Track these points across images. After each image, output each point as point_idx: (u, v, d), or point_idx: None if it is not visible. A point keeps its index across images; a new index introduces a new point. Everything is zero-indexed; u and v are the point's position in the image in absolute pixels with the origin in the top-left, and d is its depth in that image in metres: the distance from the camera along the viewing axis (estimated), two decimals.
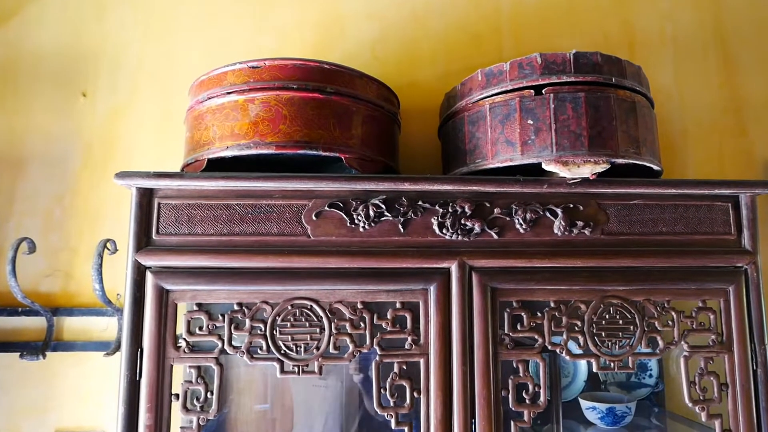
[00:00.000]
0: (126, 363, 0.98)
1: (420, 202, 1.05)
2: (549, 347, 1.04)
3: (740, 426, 1.04)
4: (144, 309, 1.00)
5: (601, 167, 1.00)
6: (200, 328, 1.01)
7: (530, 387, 1.03)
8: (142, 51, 1.56)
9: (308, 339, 1.02)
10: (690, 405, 1.05)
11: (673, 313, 1.07)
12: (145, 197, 1.03)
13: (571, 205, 1.07)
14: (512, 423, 1.02)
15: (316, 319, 1.03)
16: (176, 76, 1.55)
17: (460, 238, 1.05)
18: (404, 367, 1.03)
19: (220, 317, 1.01)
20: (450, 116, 1.20)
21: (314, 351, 1.02)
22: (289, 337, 1.02)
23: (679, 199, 1.10)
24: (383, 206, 1.04)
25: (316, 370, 1.02)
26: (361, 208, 1.04)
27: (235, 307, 1.02)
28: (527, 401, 1.03)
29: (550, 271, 1.06)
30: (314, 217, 1.04)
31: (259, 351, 1.02)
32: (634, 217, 1.08)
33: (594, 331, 1.05)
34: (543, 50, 1.63)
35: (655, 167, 1.08)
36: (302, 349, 1.02)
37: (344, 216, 1.04)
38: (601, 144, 1.00)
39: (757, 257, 1.09)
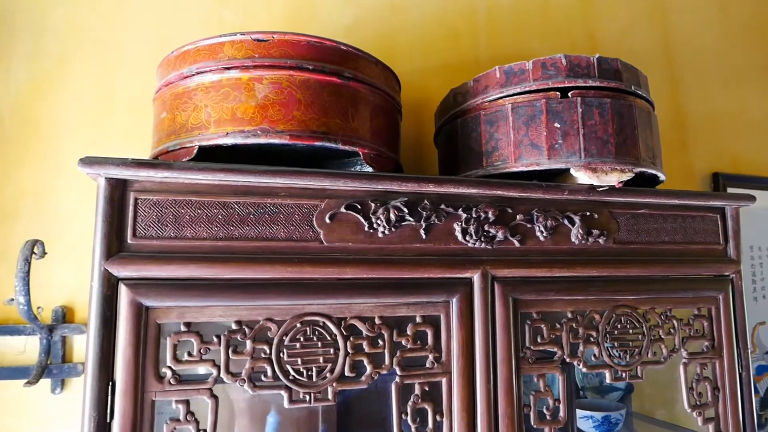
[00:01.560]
0: (92, 401, 0.77)
1: (442, 206, 0.96)
2: (567, 359, 1.01)
3: (729, 427, 1.09)
4: (116, 331, 0.79)
5: (627, 176, 0.99)
6: (190, 354, 0.83)
7: (550, 402, 0.99)
8: (74, 13, 1.28)
9: (320, 361, 0.88)
10: (689, 410, 1.08)
11: (674, 321, 1.09)
12: (117, 190, 0.82)
13: (588, 213, 1.04)
14: None
15: (329, 338, 0.89)
16: (118, 45, 1.30)
17: (483, 245, 0.97)
18: (426, 389, 0.93)
19: (215, 339, 0.84)
20: (458, 114, 1.12)
21: (327, 375, 0.88)
22: (299, 359, 0.87)
23: (679, 210, 1.12)
24: (405, 209, 0.93)
25: (330, 397, 0.88)
26: (381, 211, 0.92)
27: (234, 326, 0.85)
28: (548, 417, 0.99)
29: (567, 280, 1.03)
30: (328, 220, 0.90)
31: (263, 378, 0.85)
32: (640, 226, 1.09)
33: (608, 341, 1.04)
34: (517, 50, 1.63)
35: (662, 177, 1.09)
36: (314, 374, 0.87)
37: (362, 219, 0.91)
38: (626, 152, 0.99)
39: (740, 266, 1.15)
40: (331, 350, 0.89)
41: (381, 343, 0.91)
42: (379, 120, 0.98)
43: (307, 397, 0.87)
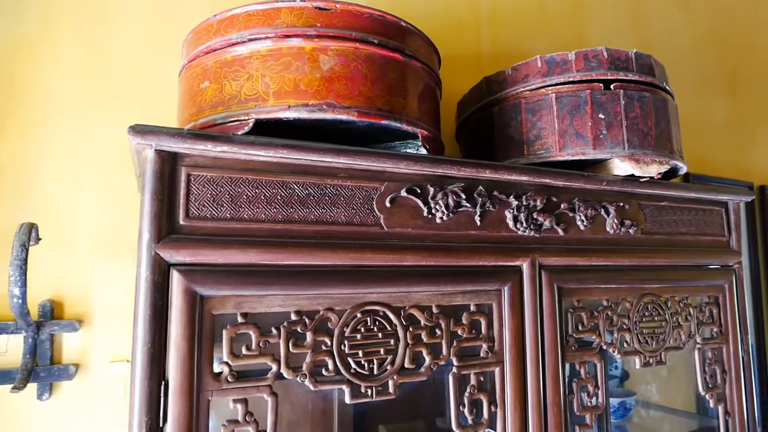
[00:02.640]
0: (143, 404, 0.67)
1: (495, 193, 0.94)
2: (604, 347, 1.03)
3: (735, 407, 1.16)
4: (168, 324, 0.70)
5: (664, 168, 1.02)
6: (248, 348, 0.75)
7: (590, 389, 1.00)
8: None
9: (381, 353, 0.83)
10: (703, 393, 1.14)
11: (690, 309, 1.15)
12: (168, 164, 0.72)
13: (621, 204, 1.07)
14: (577, 428, 0.98)
15: (389, 329, 0.84)
16: (110, 5, 1.16)
17: (531, 233, 0.97)
18: (481, 379, 0.91)
19: (274, 331, 0.77)
20: (494, 102, 1.11)
21: (388, 367, 0.83)
22: (360, 351, 0.82)
23: (693, 203, 1.18)
24: (463, 195, 0.90)
25: (391, 390, 0.83)
26: (440, 196, 0.88)
27: (293, 317, 0.78)
28: (589, 404, 1.00)
29: (604, 269, 1.05)
30: (388, 204, 0.85)
31: (324, 372, 0.79)
32: (663, 218, 1.13)
33: (638, 328, 1.07)
34: (517, 48, 1.65)
35: (682, 171, 1.14)
36: (375, 366, 0.82)
37: (421, 204, 0.88)
38: (662, 145, 1.02)
39: (741, 258, 1.23)
40: (392, 341, 0.84)
41: (439, 333, 0.88)
42: (431, 102, 0.95)
43: (369, 392, 0.82)
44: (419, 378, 0.86)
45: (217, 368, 0.73)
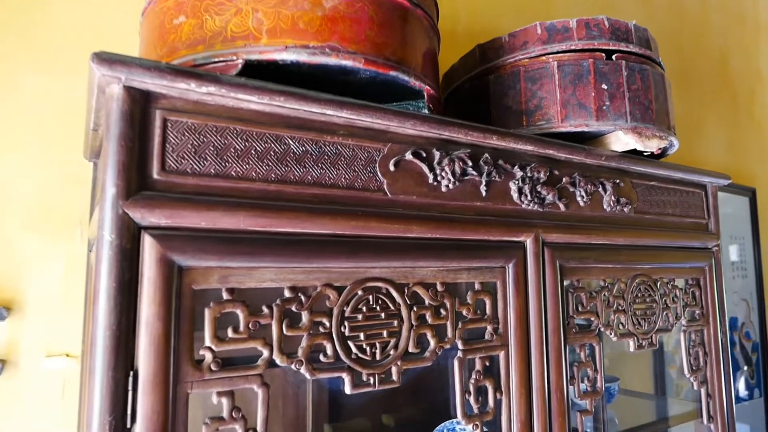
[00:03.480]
0: (105, 401, 0.54)
1: (500, 162, 0.87)
2: (602, 328, 0.98)
3: (716, 390, 1.16)
4: (139, 300, 0.57)
5: (664, 143, 0.99)
6: (235, 330, 0.63)
7: (590, 373, 0.96)
8: None
9: (384, 335, 0.73)
10: (688, 375, 1.13)
11: (677, 291, 1.13)
12: (139, 105, 0.59)
13: (617, 181, 1.03)
14: (578, 415, 0.93)
15: (392, 308, 0.75)
16: None
17: (535, 207, 0.90)
18: (486, 364, 0.83)
19: (266, 310, 0.65)
20: (489, 71, 1.04)
21: (391, 352, 0.74)
22: (361, 334, 0.71)
23: (678, 184, 1.17)
24: (470, 162, 0.82)
25: (395, 377, 0.74)
26: (446, 161, 0.80)
27: (287, 294, 0.67)
28: (588, 389, 0.95)
29: (602, 248, 1.00)
30: (392, 167, 0.75)
31: (322, 358, 0.68)
32: (652, 197, 1.11)
33: (632, 309, 1.04)
34: (492, 27, 1.60)
35: (674, 150, 1.11)
36: (378, 351, 0.72)
37: (426, 170, 0.78)
38: (661, 120, 0.99)
39: (720, 240, 1.24)
40: (395, 322, 0.74)
41: (443, 313, 0.79)
42: (434, 59, 0.86)
43: (372, 380, 0.72)
44: (424, 363, 0.77)
45: (198, 355, 0.60)
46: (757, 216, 2.32)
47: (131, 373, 0.55)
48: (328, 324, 0.69)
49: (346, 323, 0.70)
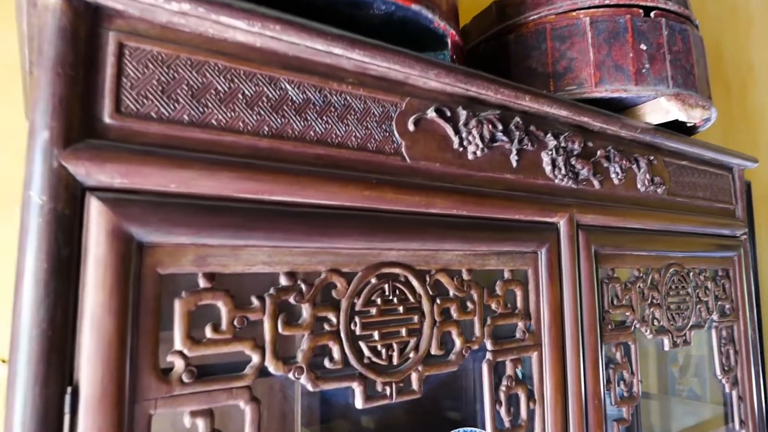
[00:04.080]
0: (28, 427, 0.38)
1: (532, 128, 0.73)
2: (638, 325, 0.86)
3: (746, 391, 1.06)
4: (82, 287, 0.41)
5: (707, 114, 0.88)
6: (216, 329, 0.47)
7: (626, 376, 0.83)
8: None
9: (403, 334, 0.59)
10: (720, 377, 1.02)
11: (708, 283, 1.02)
12: (85, 23, 0.43)
13: (651, 158, 0.91)
14: (615, 425, 0.80)
15: (412, 300, 0.60)
16: None
17: (569, 183, 0.77)
18: (518, 368, 0.69)
19: (256, 302, 0.50)
20: (509, 29, 0.90)
21: (411, 355, 0.59)
22: (376, 332, 0.57)
23: (708, 165, 1.06)
24: (500, 126, 0.68)
25: (415, 387, 0.59)
26: (473, 123, 0.66)
27: (284, 281, 0.51)
28: (625, 394, 0.83)
29: (636, 233, 0.88)
30: (411, 126, 0.61)
31: (327, 364, 0.54)
32: (683, 179, 1.00)
33: (666, 303, 0.92)
34: None
35: (711, 123, 0.99)
36: (395, 354, 0.58)
37: (450, 132, 0.64)
38: (702, 88, 0.88)
39: (746, 228, 1.13)
40: (415, 318, 0.60)
41: (470, 307, 0.65)
42: (456, 6, 0.72)
43: (388, 390, 0.57)
44: (448, 368, 0.62)
45: (165, 362, 0.45)
46: (752, 209, 2.26)
47: (69, 389, 0.40)
48: (334, 320, 0.54)
49: (356, 319, 0.55)
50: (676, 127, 0.94)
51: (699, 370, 1.70)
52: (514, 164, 0.71)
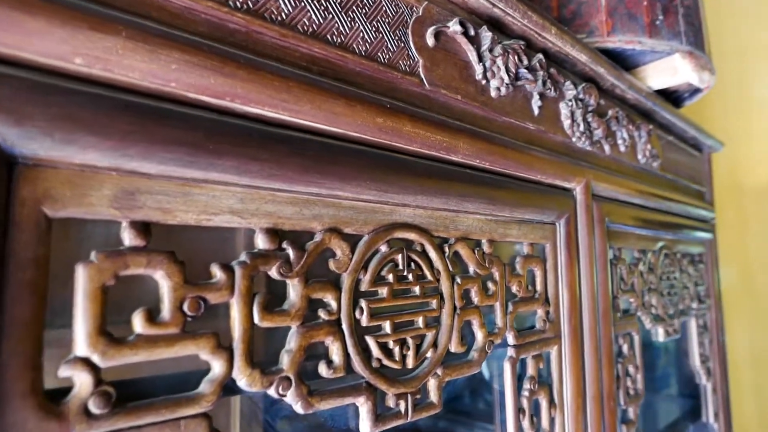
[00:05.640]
0: None
1: (553, 71, 0.60)
2: (639, 313, 0.76)
3: (717, 382, 1.01)
4: None
5: (713, 80, 0.79)
6: (150, 318, 0.28)
7: (632, 371, 0.72)
8: None
9: (420, 324, 0.42)
10: (697, 368, 0.96)
11: (690, 268, 0.96)
12: None
13: (650, 127, 0.82)
14: (623, 428, 0.69)
15: (430, 277, 0.43)
16: None
17: (585, 143, 0.65)
18: (541, 366, 0.55)
19: (220, 275, 0.30)
20: None
21: (429, 354, 0.43)
22: (388, 323, 0.39)
23: (688, 144, 1.00)
24: (525, 59, 0.54)
25: (433, 398, 0.43)
26: (498, 50, 0.50)
27: (262, 242, 0.33)
28: (632, 392, 0.72)
29: (637, 207, 0.78)
30: (430, 40, 0.44)
31: (323, 371, 0.35)
32: (670, 155, 0.92)
33: (660, 289, 0.83)
34: None
35: (703, 92, 0.92)
36: (410, 353, 0.41)
37: (473, 58, 0.48)
38: (709, 52, 0.80)
39: (714, 214, 1.09)
40: (433, 302, 0.44)
41: (492, 289, 0.50)
42: None
43: (402, 405, 0.40)
44: (471, 371, 0.46)
45: (57, 377, 0.25)
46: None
47: None
48: (334, 305, 0.36)
49: (362, 304, 0.38)
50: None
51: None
52: (536, 111, 0.56)
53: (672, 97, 0.92)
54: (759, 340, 1.43)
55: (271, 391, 0.32)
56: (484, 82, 0.50)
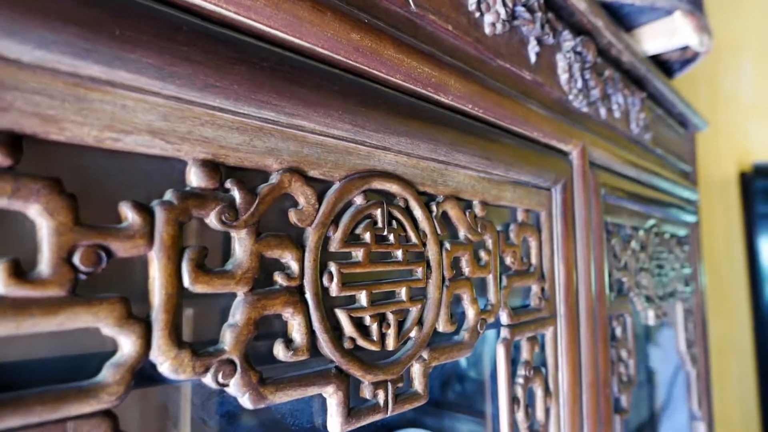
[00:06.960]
0: None
1: (551, 16, 0.52)
2: (632, 294, 0.70)
3: (702, 370, 0.97)
4: None
5: (711, 45, 0.74)
6: (23, 276, 0.19)
7: (624, 356, 0.67)
8: None
9: (402, 297, 0.34)
10: (683, 352, 0.92)
11: (678, 249, 0.91)
12: None
13: (643, 96, 0.76)
14: (617, 418, 0.63)
15: (414, 240, 0.36)
16: None
17: (582, 103, 0.58)
18: (537, 350, 0.48)
19: (132, 217, 0.22)
20: None
21: (413, 333, 0.35)
22: (364, 294, 0.31)
23: (675, 120, 0.95)
24: None
25: (418, 387, 0.35)
26: None
27: (196, 180, 0.24)
28: (625, 379, 0.66)
29: (631, 180, 0.72)
30: None
31: (281, 354, 0.27)
32: (658, 129, 0.87)
33: (653, 270, 0.78)
34: None
35: (697, 61, 0.87)
36: (390, 332, 0.33)
37: None
38: (706, 15, 0.74)
39: (698, 195, 1.06)
40: (419, 271, 0.36)
41: (484, 258, 0.43)
42: None
43: (381, 396, 0.32)
44: (461, 354, 0.39)
45: None
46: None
47: None
48: (295, 267, 0.28)
49: (332, 268, 0.30)
50: None
51: None
52: (533, 59, 0.49)
53: (662, 68, 0.87)
54: (719, 327, 1.42)
55: (207, 380, 0.24)
56: (477, 14, 0.42)
